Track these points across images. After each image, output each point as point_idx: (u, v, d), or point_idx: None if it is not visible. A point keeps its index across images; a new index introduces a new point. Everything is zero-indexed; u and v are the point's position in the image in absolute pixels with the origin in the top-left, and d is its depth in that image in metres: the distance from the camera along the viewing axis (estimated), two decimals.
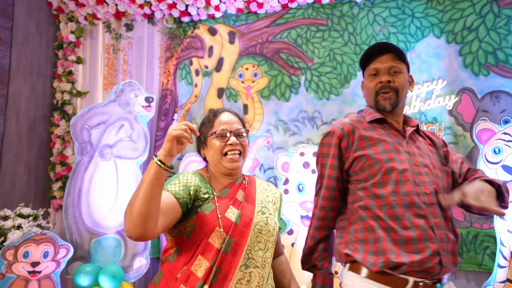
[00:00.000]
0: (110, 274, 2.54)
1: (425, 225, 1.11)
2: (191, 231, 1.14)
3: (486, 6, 2.70)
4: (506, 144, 2.39)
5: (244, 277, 1.11)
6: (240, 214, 1.18)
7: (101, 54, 3.27)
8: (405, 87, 1.30)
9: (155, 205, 1.02)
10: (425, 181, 1.18)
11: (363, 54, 1.33)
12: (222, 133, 1.24)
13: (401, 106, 1.33)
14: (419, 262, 1.08)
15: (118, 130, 2.92)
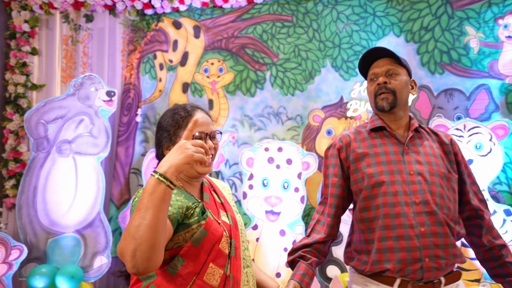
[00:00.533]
0: (68, 275, 2.44)
1: (409, 234, 1.18)
2: (201, 238, 1.00)
3: (441, 8, 2.82)
4: (458, 139, 2.52)
5: (245, 278, 1.08)
6: (229, 215, 1.13)
7: (58, 46, 3.12)
8: (404, 88, 1.32)
9: (164, 232, 0.88)
10: (416, 190, 1.21)
11: (360, 61, 1.38)
12: (200, 137, 1.08)
13: (402, 107, 1.33)
14: (400, 269, 1.18)
15: (77, 125, 2.81)
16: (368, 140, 1.33)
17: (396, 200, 1.21)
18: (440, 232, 1.19)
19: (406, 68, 1.35)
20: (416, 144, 1.30)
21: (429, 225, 1.18)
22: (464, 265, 2.40)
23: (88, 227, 2.67)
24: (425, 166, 1.24)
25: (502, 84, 2.71)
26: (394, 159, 1.26)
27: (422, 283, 1.19)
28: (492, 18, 2.75)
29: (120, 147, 3.01)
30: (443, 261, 1.18)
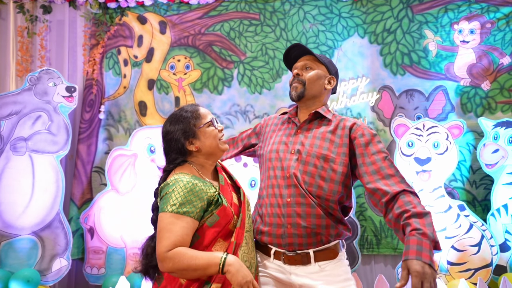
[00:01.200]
0: (24, 279, 2.32)
1: (278, 203, 1.33)
2: (214, 221, 1.22)
3: (402, 11, 2.93)
4: (417, 138, 2.63)
5: (245, 241, 1.27)
6: (241, 191, 1.34)
7: (12, 37, 2.94)
8: (315, 81, 1.42)
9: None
10: (290, 166, 1.35)
11: (283, 56, 1.51)
12: (216, 121, 1.35)
13: (311, 98, 1.43)
14: (268, 232, 1.33)
15: (34, 121, 2.67)
16: (276, 124, 1.53)
17: (273, 174, 1.37)
18: (303, 203, 1.29)
19: (325, 65, 1.45)
20: (309, 129, 1.41)
21: (294, 196, 1.30)
22: None
23: (46, 229, 2.55)
24: (306, 147, 1.36)
25: (458, 86, 2.86)
26: (284, 140, 1.42)
27: (292, 254, 1.29)
28: (448, 23, 2.89)
29: (81, 144, 2.89)
30: (304, 229, 1.27)
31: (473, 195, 2.75)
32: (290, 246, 1.29)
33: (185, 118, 1.30)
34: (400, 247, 2.72)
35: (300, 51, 1.46)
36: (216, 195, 1.23)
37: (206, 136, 1.29)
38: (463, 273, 2.43)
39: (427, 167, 2.57)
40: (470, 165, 2.78)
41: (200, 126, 1.29)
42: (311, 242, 1.28)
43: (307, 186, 1.31)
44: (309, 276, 1.28)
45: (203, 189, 1.20)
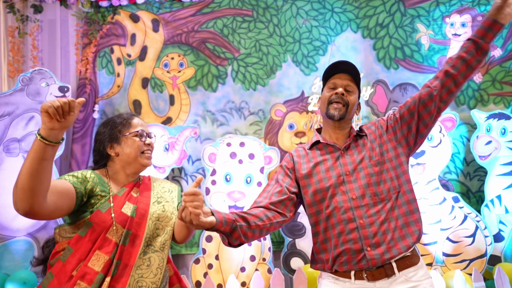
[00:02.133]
0: (20, 281, 2.31)
1: (350, 228, 1.29)
2: (87, 230, 1.21)
3: (394, 5, 2.95)
4: None
5: (143, 263, 1.23)
6: (135, 208, 1.29)
7: (3, 38, 2.91)
8: (355, 106, 1.44)
9: (40, 180, 1.05)
10: (353, 188, 1.33)
11: (327, 70, 1.47)
12: (142, 133, 1.36)
13: (347, 121, 1.45)
14: (347, 261, 1.28)
15: (27, 122, 2.65)
16: (308, 154, 1.45)
17: (335, 200, 1.32)
18: (383, 220, 1.28)
19: (359, 90, 1.47)
20: (353, 146, 1.42)
21: (368, 217, 1.28)
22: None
23: (42, 230, 2.54)
24: (358, 164, 1.36)
25: None
26: (332, 166, 1.38)
27: (374, 269, 1.26)
28: (440, 17, 2.91)
29: (75, 144, 2.87)
30: (384, 246, 1.25)
31: (467, 187, 2.78)
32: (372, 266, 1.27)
33: (114, 123, 1.36)
34: None
35: (347, 68, 1.43)
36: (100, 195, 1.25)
37: (128, 144, 1.33)
38: (458, 264, 2.46)
39: (421, 160, 2.60)
40: (464, 157, 2.81)
41: (125, 134, 1.34)
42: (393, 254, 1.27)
43: (378, 197, 1.31)
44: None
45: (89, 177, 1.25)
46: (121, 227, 1.23)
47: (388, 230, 1.27)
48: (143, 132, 1.37)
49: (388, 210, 1.30)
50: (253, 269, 2.56)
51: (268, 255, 2.60)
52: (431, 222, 2.52)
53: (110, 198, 1.27)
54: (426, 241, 2.53)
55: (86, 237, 1.20)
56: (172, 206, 1.39)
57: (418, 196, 2.56)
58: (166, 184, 1.47)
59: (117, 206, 1.26)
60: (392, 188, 1.33)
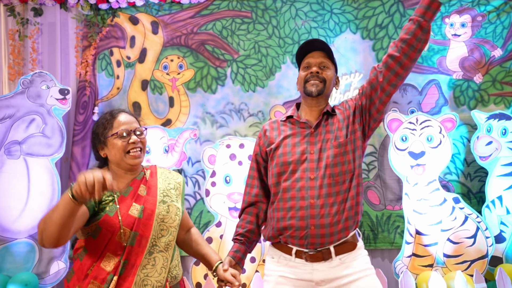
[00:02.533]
0: (21, 283, 2.32)
1: (300, 205, 1.36)
2: (98, 233, 1.26)
3: (393, 6, 2.94)
4: (411, 132, 2.64)
5: (148, 262, 1.27)
6: (142, 208, 1.31)
7: (4, 41, 2.92)
8: (332, 81, 1.47)
9: (68, 229, 1.14)
10: (313, 168, 1.38)
11: (298, 50, 1.51)
12: (123, 133, 1.33)
13: (325, 97, 1.48)
14: (290, 235, 1.36)
15: (28, 125, 2.66)
16: (280, 127, 1.52)
17: (294, 177, 1.39)
18: (327, 202, 1.33)
19: (334, 65, 1.51)
20: (323, 127, 1.44)
21: (319, 198, 1.33)
22: (418, 252, 2.53)
23: None
24: (325, 143, 1.40)
25: (450, 80, 2.87)
26: (299, 142, 1.43)
27: (313, 252, 1.33)
28: (439, 17, 2.90)
29: (76, 147, 2.88)
30: (327, 229, 1.32)
31: (467, 188, 2.77)
32: (312, 245, 1.34)
33: (99, 125, 1.37)
34: (397, 241, 2.74)
35: (318, 45, 1.47)
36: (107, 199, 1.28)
37: (112, 146, 1.33)
38: (459, 265, 2.45)
39: (421, 161, 2.59)
40: (464, 158, 2.79)
41: (107, 136, 1.34)
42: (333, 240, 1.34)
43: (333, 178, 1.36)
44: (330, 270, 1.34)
45: None
46: (128, 230, 1.26)
47: (336, 213, 1.33)
48: (124, 131, 1.33)
49: (340, 192, 1.35)
50: (253, 271, 2.56)
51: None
52: (432, 223, 2.51)
53: (116, 200, 1.29)
54: (426, 242, 2.52)
55: (97, 240, 1.25)
56: (176, 206, 1.39)
57: (419, 197, 2.56)
58: (172, 179, 1.46)
59: (123, 209, 1.28)
60: (348, 171, 1.38)
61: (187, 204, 2.87)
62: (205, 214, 2.79)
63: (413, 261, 2.52)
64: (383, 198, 2.83)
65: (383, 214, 2.81)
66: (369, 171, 2.85)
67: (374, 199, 2.82)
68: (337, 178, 1.36)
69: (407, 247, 2.55)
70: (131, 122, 1.37)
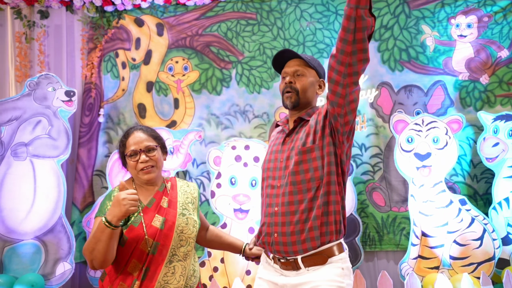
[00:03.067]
0: (28, 284, 2.33)
1: (267, 212, 1.39)
2: (124, 242, 1.37)
3: (399, 7, 2.93)
4: (417, 133, 2.63)
5: (169, 270, 1.37)
6: (164, 220, 1.41)
7: (11, 43, 2.95)
8: (309, 89, 1.42)
9: (113, 251, 1.31)
10: (280, 176, 1.38)
11: (272, 61, 1.49)
12: (132, 153, 1.44)
13: (305, 106, 1.44)
14: (261, 241, 1.41)
15: (35, 126, 2.68)
16: (274, 135, 1.56)
17: (265, 184, 1.43)
18: (288, 211, 1.31)
19: (315, 69, 1.44)
20: (296, 133, 1.42)
21: (282, 205, 1.33)
22: (424, 254, 2.51)
23: (49, 233, 2.56)
24: (292, 151, 1.37)
25: (456, 81, 2.86)
26: (274, 149, 1.46)
27: (283, 260, 1.33)
28: (445, 18, 2.89)
29: (82, 148, 2.90)
30: (289, 237, 1.30)
31: (474, 189, 2.75)
32: (277, 253, 1.36)
33: (119, 144, 1.50)
34: (403, 243, 2.72)
35: (290, 55, 1.44)
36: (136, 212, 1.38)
37: (128, 164, 1.47)
38: (466, 268, 2.44)
39: (427, 163, 2.58)
40: (471, 159, 2.78)
41: (126, 154, 1.46)
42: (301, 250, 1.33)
43: (296, 186, 1.33)
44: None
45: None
46: (151, 239, 1.37)
47: (298, 222, 1.29)
48: (133, 152, 1.43)
49: (303, 201, 1.30)
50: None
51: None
52: (438, 225, 2.50)
53: (141, 211, 1.39)
54: (432, 244, 2.50)
55: (124, 248, 1.37)
56: (194, 219, 1.48)
57: (424, 199, 2.54)
58: (189, 193, 1.55)
59: (147, 220, 1.39)
60: (314, 179, 1.31)
61: None
62: (210, 216, 2.79)
63: (419, 263, 2.51)
64: (389, 200, 2.82)
65: (388, 215, 2.79)
66: (375, 172, 2.84)
67: (379, 200, 2.81)
68: (299, 186, 1.31)
69: (413, 249, 2.54)
70: (141, 141, 1.44)
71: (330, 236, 1.30)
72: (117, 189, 1.44)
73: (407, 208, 2.67)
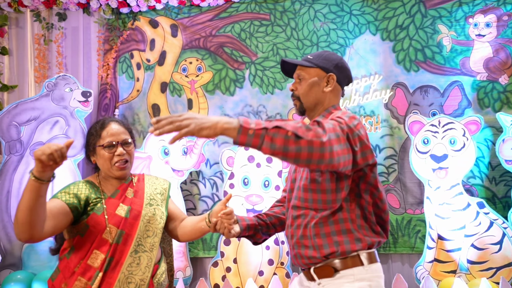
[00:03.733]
0: (45, 280, 2.37)
1: (286, 225, 1.35)
2: (85, 231, 1.32)
3: (414, 6, 2.89)
4: (433, 135, 2.58)
5: (134, 261, 1.33)
6: (129, 209, 1.38)
7: (30, 45, 3.02)
8: (309, 92, 1.33)
9: (37, 214, 1.15)
10: (293, 197, 1.32)
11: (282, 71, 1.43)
12: (109, 145, 1.37)
13: (313, 108, 1.35)
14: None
15: (52, 126, 2.74)
16: None
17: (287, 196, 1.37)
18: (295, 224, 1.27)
19: (319, 67, 1.33)
20: None
21: (292, 219, 1.28)
22: (440, 257, 2.47)
23: None
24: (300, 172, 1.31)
25: (474, 81, 2.80)
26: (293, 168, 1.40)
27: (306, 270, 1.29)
28: (463, 17, 2.83)
29: None
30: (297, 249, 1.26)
31: (492, 192, 2.69)
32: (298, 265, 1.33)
33: (90, 133, 1.42)
34: (418, 246, 2.68)
35: (290, 65, 1.38)
36: (94, 201, 1.35)
37: (100, 156, 1.38)
38: (484, 272, 2.38)
39: (443, 164, 2.53)
40: (489, 162, 2.71)
41: (96, 146, 1.38)
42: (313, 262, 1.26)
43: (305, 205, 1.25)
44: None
45: (81, 190, 1.35)
46: (115, 228, 1.33)
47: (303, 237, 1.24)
48: (111, 143, 1.36)
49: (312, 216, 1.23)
50: (271, 273, 2.55)
51: (287, 259, 2.58)
52: (455, 228, 2.45)
53: (103, 201, 1.36)
54: (449, 247, 2.46)
55: (85, 237, 1.31)
56: (161, 210, 1.45)
57: (441, 201, 2.50)
58: (158, 184, 1.52)
59: (110, 209, 1.35)
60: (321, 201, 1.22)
61: (204, 205, 2.89)
62: None
63: (435, 266, 2.46)
64: (403, 202, 2.77)
65: (403, 218, 2.75)
66: (389, 174, 2.80)
67: (394, 202, 2.77)
68: (305, 203, 1.25)
69: (428, 252, 2.49)
70: (119, 134, 1.39)
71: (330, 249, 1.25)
72: (80, 182, 1.39)
73: (422, 211, 2.63)
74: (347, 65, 1.39)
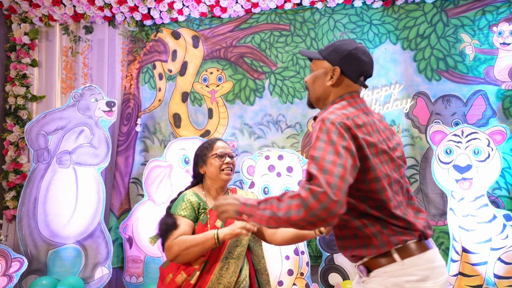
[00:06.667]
0: (69, 286, 2.43)
1: None
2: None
3: (436, 16, 2.87)
4: (456, 145, 2.54)
5: (224, 266, 1.57)
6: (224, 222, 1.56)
7: (58, 57, 3.13)
8: (313, 85, 1.33)
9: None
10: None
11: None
12: (221, 154, 1.69)
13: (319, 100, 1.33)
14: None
15: (78, 135, 2.82)
16: None
17: None
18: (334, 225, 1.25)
19: (326, 59, 1.30)
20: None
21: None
22: (465, 271, 2.40)
23: (89, 238, 2.67)
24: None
25: (499, 90, 2.75)
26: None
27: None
28: (486, 26, 2.79)
29: (120, 157, 3.01)
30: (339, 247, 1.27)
31: None
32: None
33: (202, 147, 1.74)
34: None
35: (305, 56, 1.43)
36: (202, 211, 1.62)
37: (211, 164, 1.68)
38: None
39: (467, 175, 2.48)
40: None
41: (208, 156, 1.69)
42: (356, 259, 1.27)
43: None
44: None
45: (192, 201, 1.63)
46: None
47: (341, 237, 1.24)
48: (222, 153, 1.68)
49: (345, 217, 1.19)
50: (290, 284, 2.53)
51: (306, 270, 2.56)
52: (480, 241, 2.38)
53: (207, 212, 1.63)
54: (474, 260, 2.39)
55: None
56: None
57: (465, 213, 2.44)
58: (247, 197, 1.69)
59: (212, 220, 1.61)
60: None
61: None
62: None
63: (459, 280, 2.40)
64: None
65: None
66: (410, 184, 2.76)
67: None
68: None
69: (452, 265, 2.44)
70: (227, 147, 1.73)
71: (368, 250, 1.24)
72: (188, 192, 1.66)
73: (445, 222, 2.57)
74: (362, 56, 1.27)
